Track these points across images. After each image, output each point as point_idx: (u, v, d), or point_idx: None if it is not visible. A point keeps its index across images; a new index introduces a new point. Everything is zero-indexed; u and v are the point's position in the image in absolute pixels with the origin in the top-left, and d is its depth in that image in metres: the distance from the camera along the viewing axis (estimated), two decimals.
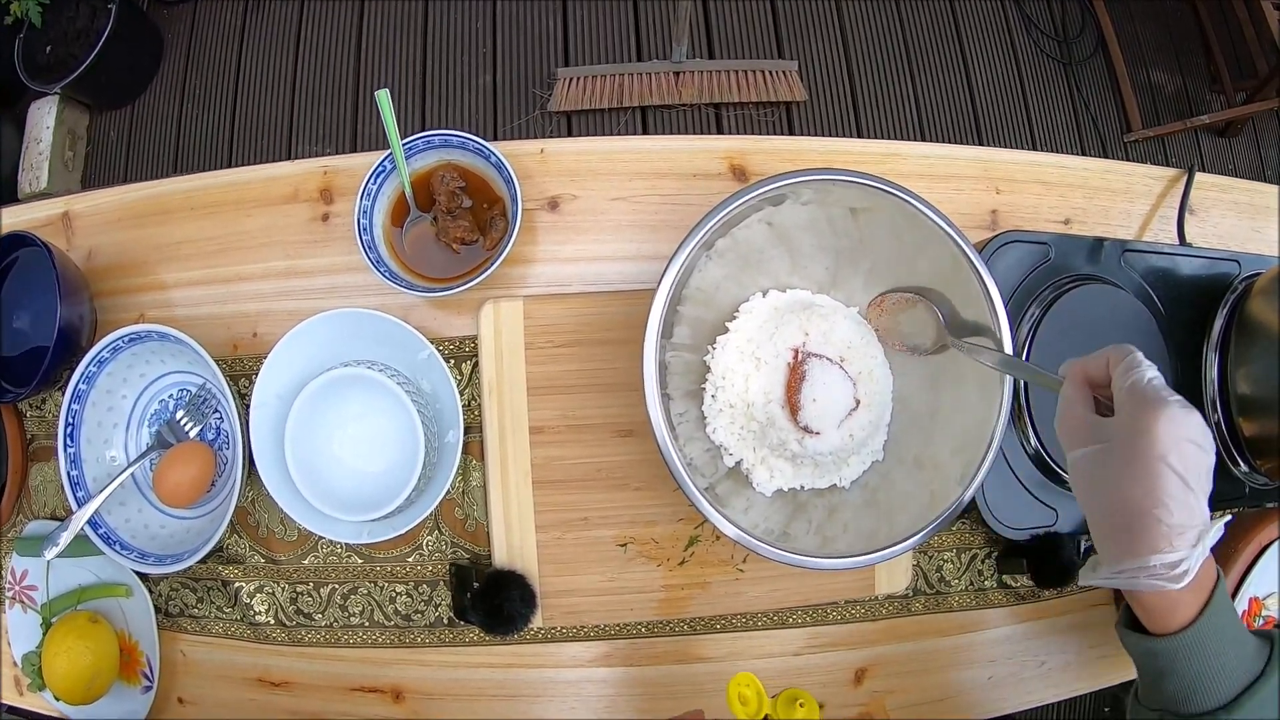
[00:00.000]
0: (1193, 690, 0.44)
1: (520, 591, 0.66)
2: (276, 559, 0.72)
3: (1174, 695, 0.45)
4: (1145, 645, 0.46)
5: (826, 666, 0.72)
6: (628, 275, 0.72)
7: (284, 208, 0.74)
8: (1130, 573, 0.43)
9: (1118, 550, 0.43)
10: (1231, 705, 0.43)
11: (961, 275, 0.57)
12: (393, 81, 1.76)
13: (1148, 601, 0.45)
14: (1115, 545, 0.44)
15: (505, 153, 0.68)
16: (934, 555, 0.74)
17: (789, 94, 1.72)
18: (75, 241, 0.78)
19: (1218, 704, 0.43)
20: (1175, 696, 0.45)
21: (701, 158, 0.74)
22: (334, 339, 0.67)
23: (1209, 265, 0.78)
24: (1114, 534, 0.44)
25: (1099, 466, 0.44)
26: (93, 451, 0.72)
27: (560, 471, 0.69)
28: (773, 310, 0.63)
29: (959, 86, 1.85)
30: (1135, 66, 1.94)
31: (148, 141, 1.79)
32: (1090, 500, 0.45)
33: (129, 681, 0.74)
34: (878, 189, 0.56)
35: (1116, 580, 0.44)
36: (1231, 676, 0.44)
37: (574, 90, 1.68)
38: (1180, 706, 0.45)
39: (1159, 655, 0.45)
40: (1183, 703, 0.45)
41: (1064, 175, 0.80)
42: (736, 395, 0.61)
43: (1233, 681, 0.43)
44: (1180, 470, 0.42)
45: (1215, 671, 0.44)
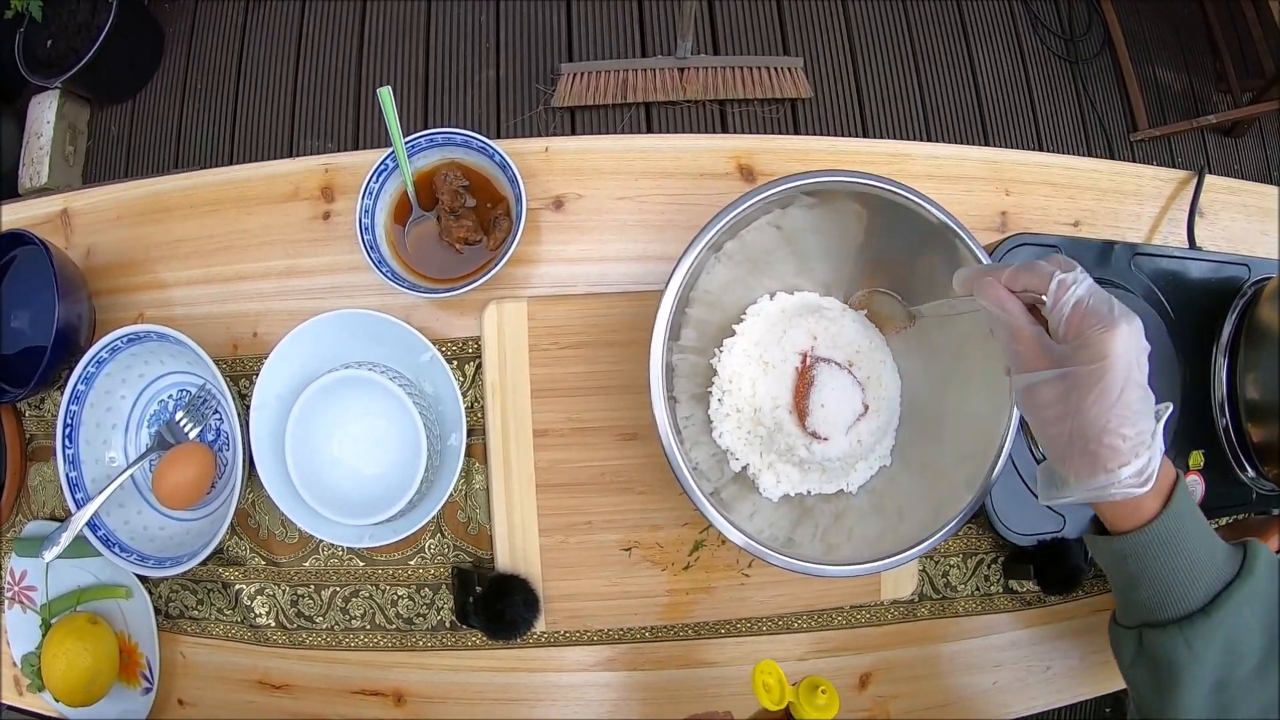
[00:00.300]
0: (1167, 592, 0.43)
1: (523, 596, 0.66)
2: (277, 561, 0.72)
3: (1149, 602, 0.44)
4: (1115, 545, 0.45)
5: (831, 671, 0.72)
6: (633, 276, 0.72)
7: (285, 206, 0.74)
8: (1101, 489, 0.42)
9: (1085, 469, 0.43)
10: (1209, 607, 0.42)
11: None
12: (395, 77, 1.75)
13: (1114, 505, 0.44)
14: (1082, 464, 0.43)
15: (509, 151, 0.67)
16: (940, 560, 0.73)
17: (794, 91, 1.71)
18: (74, 239, 0.77)
19: (1193, 607, 0.43)
20: (1150, 603, 0.44)
21: (708, 157, 0.73)
22: (335, 340, 0.67)
23: (1218, 269, 0.77)
24: (1080, 455, 0.43)
25: (1057, 392, 0.43)
26: (91, 452, 0.71)
27: (564, 475, 0.68)
28: (780, 313, 0.63)
29: (965, 83, 1.84)
30: (1142, 65, 1.93)
31: (149, 137, 1.79)
32: (1051, 426, 0.43)
33: (129, 683, 0.73)
34: (887, 191, 0.55)
35: (1087, 497, 0.43)
36: (1204, 577, 0.43)
37: (578, 86, 1.67)
38: (1156, 613, 0.44)
39: (1128, 556, 0.44)
40: (1158, 609, 0.44)
41: (1074, 177, 0.79)
42: (744, 399, 0.61)
43: (1207, 584, 0.43)
44: (1140, 382, 0.42)
45: (1186, 569, 0.43)
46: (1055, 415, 0.43)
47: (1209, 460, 0.75)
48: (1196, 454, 0.74)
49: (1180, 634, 0.42)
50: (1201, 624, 0.42)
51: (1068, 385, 0.42)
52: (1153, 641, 0.44)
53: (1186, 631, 0.42)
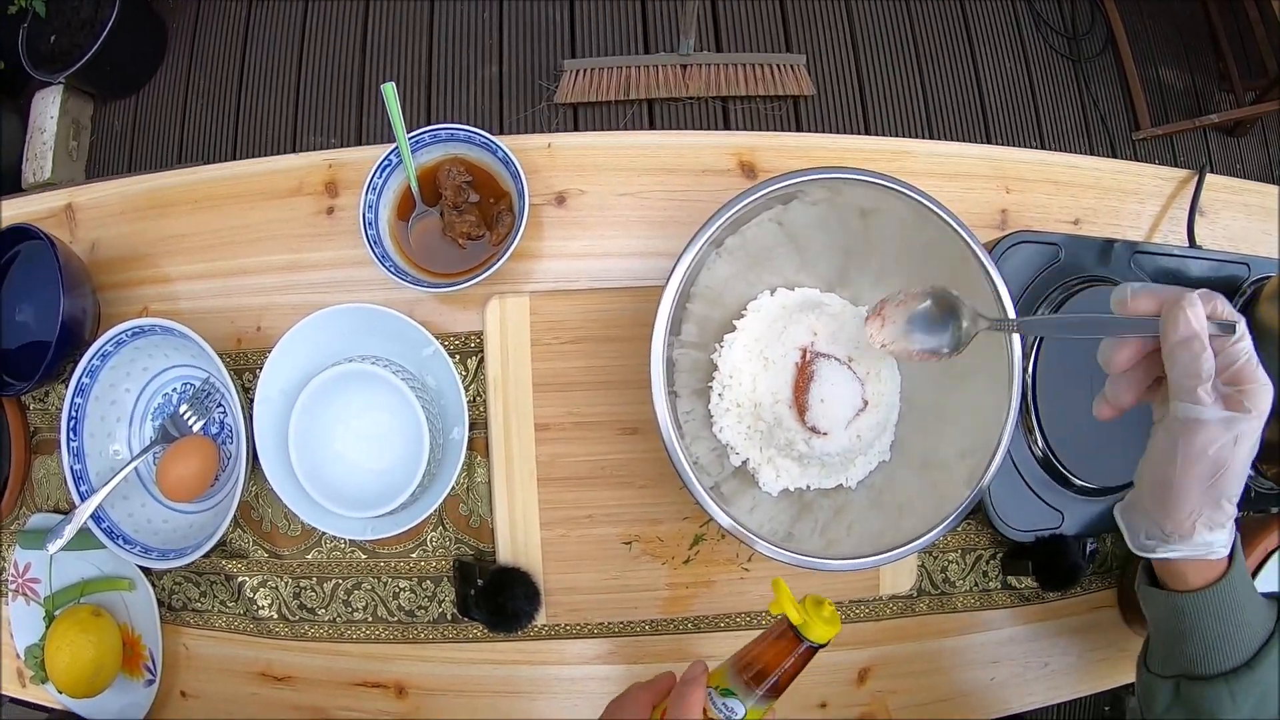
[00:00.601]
0: (1215, 648, 0.44)
1: (524, 589, 0.66)
2: (280, 553, 0.72)
3: (1194, 656, 0.45)
4: (1173, 603, 0.45)
5: (830, 666, 0.72)
6: (635, 271, 0.72)
7: (288, 201, 0.74)
8: (1207, 546, 0.42)
9: (1203, 523, 0.42)
10: (1252, 661, 0.44)
11: (971, 275, 0.56)
12: (398, 72, 1.75)
13: (1184, 564, 0.44)
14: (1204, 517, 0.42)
15: (512, 147, 0.67)
16: (939, 556, 0.73)
17: (796, 88, 1.71)
18: (79, 234, 0.78)
19: (1239, 661, 0.44)
20: (1195, 657, 0.45)
21: (710, 153, 0.74)
22: (338, 334, 0.67)
23: (1218, 268, 0.77)
24: (1211, 507, 0.41)
25: (1221, 436, 0.40)
26: (96, 445, 0.72)
27: (565, 469, 0.69)
28: (781, 309, 0.63)
29: (967, 82, 1.83)
30: (1144, 64, 1.93)
31: (152, 131, 1.79)
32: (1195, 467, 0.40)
33: (132, 675, 0.74)
34: (889, 188, 0.56)
35: (1188, 554, 0.43)
36: (1251, 634, 0.44)
37: (580, 82, 1.67)
38: (1200, 667, 0.45)
39: (1184, 614, 0.45)
40: (1202, 663, 0.45)
41: (1075, 175, 0.79)
42: (744, 394, 0.61)
43: (1251, 639, 0.44)
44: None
45: (1237, 627, 0.44)
46: (1212, 459, 0.40)
47: None
48: None
49: (1226, 686, 0.44)
50: (1246, 677, 0.43)
51: (1232, 433, 0.40)
52: (1194, 693, 0.45)
53: (1232, 684, 0.44)
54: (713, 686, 0.47)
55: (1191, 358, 0.39)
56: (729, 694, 0.46)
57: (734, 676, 0.47)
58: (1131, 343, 0.43)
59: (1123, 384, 0.44)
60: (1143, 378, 0.44)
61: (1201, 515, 0.42)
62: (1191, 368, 0.39)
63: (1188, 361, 0.39)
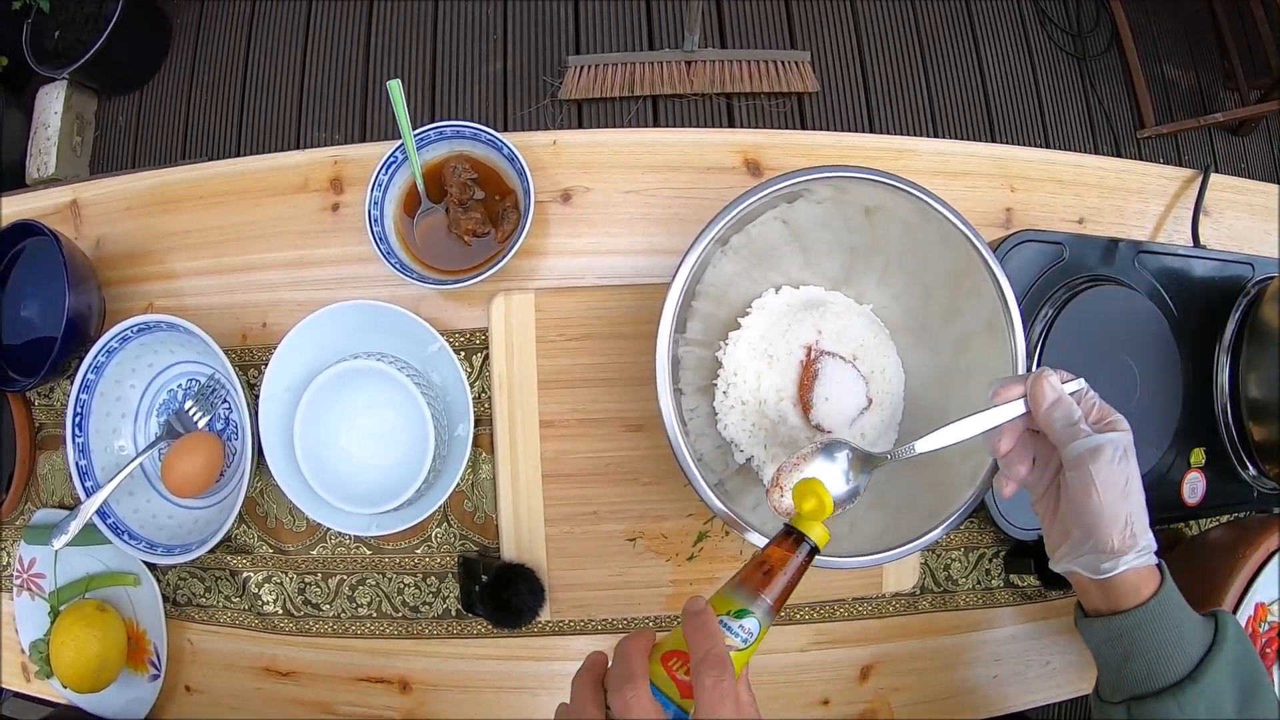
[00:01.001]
0: (1158, 663, 0.47)
1: (528, 585, 0.66)
2: (285, 549, 0.72)
3: (1140, 675, 0.47)
4: (1114, 625, 0.48)
5: (832, 663, 0.72)
6: (640, 269, 0.72)
7: (294, 197, 0.74)
8: (1144, 553, 0.47)
9: (1136, 536, 0.47)
10: (1195, 673, 0.46)
11: (975, 274, 0.56)
12: (402, 69, 1.75)
13: (1124, 583, 0.47)
14: (1136, 531, 0.47)
15: (517, 144, 0.67)
16: (942, 554, 0.73)
17: (801, 85, 1.71)
18: (84, 230, 0.78)
19: (1182, 673, 0.46)
20: (1141, 675, 0.47)
21: (715, 151, 0.73)
22: (344, 331, 0.67)
23: (1222, 268, 0.77)
24: (1139, 518, 0.47)
25: (1120, 461, 0.47)
26: (101, 441, 0.72)
27: (570, 465, 0.69)
28: (785, 307, 0.63)
29: (972, 79, 1.83)
30: (1149, 62, 1.92)
31: (156, 127, 1.79)
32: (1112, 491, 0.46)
33: (137, 670, 0.74)
34: (893, 187, 0.55)
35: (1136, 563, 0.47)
36: (1190, 646, 0.47)
37: (585, 79, 1.67)
38: (1146, 685, 0.47)
39: (1124, 634, 0.48)
40: (1148, 680, 0.47)
41: (1079, 174, 0.79)
42: (748, 392, 0.61)
43: (1191, 651, 0.46)
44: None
45: (1177, 640, 0.47)
46: (1118, 473, 0.47)
47: (1210, 458, 0.75)
48: (1198, 451, 0.75)
49: (1174, 699, 0.46)
50: (1191, 689, 0.45)
51: (1119, 448, 0.47)
52: (1144, 711, 0.47)
53: (1179, 697, 0.46)
54: (723, 613, 0.45)
55: (1065, 409, 0.48)
56: (743, 614, 0.45)
57: (741, 589, 0.45)
58: (1008, 429, 0.50)
59: (1014, 461, 0.51)
60: (1026, 455, 0.51)
61: (1136, 521, 0.47)
62: (1069, 415, 0.48)
63: (1064, 412, 0.48)
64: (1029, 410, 0.49)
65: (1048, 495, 0.51)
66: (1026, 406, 0.49)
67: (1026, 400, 0.49)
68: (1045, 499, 0.51)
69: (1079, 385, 0.49)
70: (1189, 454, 0.74)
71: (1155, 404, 0.72)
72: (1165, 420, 0.72)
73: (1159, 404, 0.72)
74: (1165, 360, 0.73)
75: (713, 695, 0.39)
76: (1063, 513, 0.49)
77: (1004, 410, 0.49)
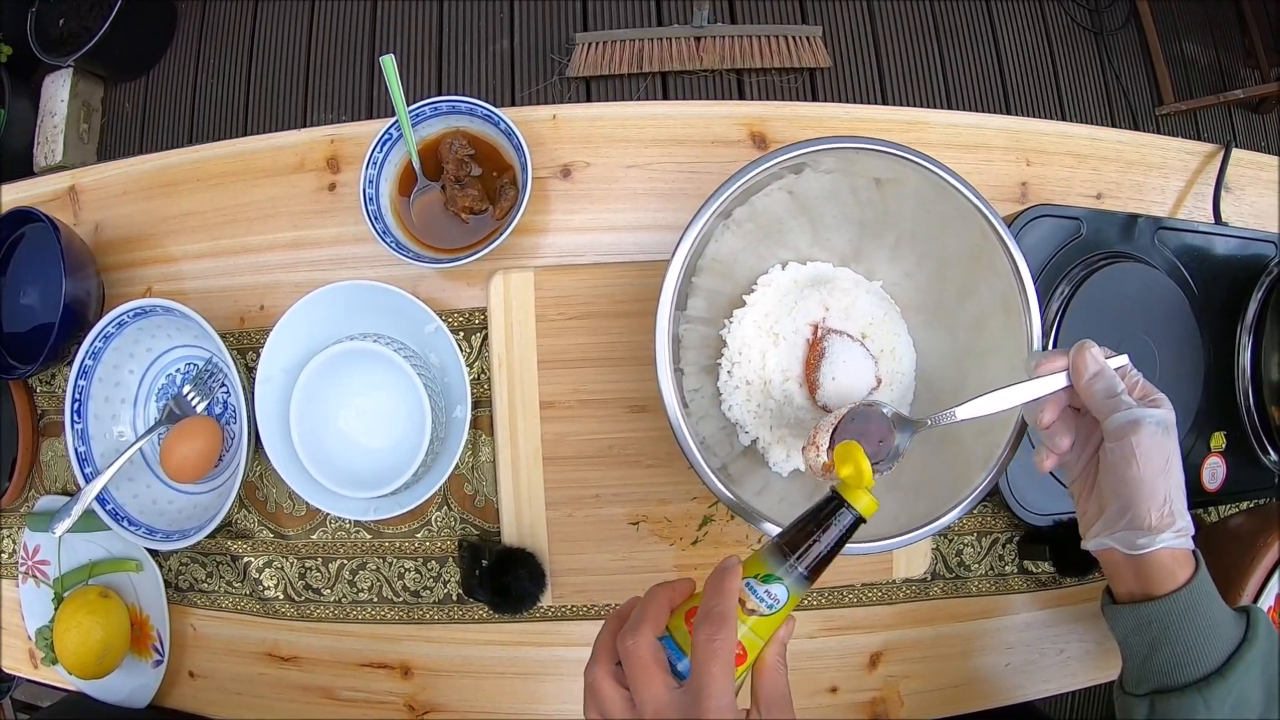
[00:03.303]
0: (1186, 656, 0.46)
1: (529, 569, 0.65)
2: (285, 534, 0.72)
3: (1166, 666, 0.46)
4: (1142, 613, 0.47)
5: (841, 650, 0.71)
6: (642, 245, 0.70)
7: (290, 178, 0.73)
8: (1183, 532, 0.46)
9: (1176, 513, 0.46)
10: (1224, 669, 0.45)
11: (990, 250, 0.55)
12: (408, 47, 1.74)
13: (1159, 564, 0.46)
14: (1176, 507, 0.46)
15: (516, 119, 0.66)
16: (954, 539, 0.72)
17: (812, 60, 1.68)
18: (82, 215, 0.77)
19: (1210, 669, 0.45)
20: (1167, 667, 0.46)
21: (720, 124, 0.72)
22: (340, 312, 0.66)
23: (1244, 246, 0.76)
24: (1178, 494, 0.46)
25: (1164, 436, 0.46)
26: (100, 427, 0.71)
27: (571, 447, 0.68)
28: (792, 283, 0.61)
29: (987, 55, 1.79)
30: (1168, 38, 1.88)
31: (163, 112, 1.79)
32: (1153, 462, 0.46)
33: (140, 655, 0.74)
34: (903, 158, 0.54)
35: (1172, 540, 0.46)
36: (1220, 640, 0.46)
37: (593, 56, 1.65)
38: (1172, 678, 0.46)
39: (1152, 623, 0.47)
40: (1175, 672, 0.46)
41: (1097, 148, 0.77)
42: (753, 371, 0.59)
43: (1221, 646, 0.45)
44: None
45: (1207, 633, 0.46)
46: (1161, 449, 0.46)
47: (1231, 443, 0.73)
48: (1218, 435, 0.73)
49: (1199, 695, 0.45)
50: (1219, 685, 0.45)
51: (1164, 426, 0.46)
52: (1168, 705, 0.46)
53: (1205, 693, 0.45)
54: (750, 576, 0.44)
55: (1107, 380, 0.47)
56: (770, 579, 0.43)
57: (772, 554, 0.44)
58: (1050, 402, 0.49)
59: (1056, 434, 0.50)
60: (1068, 429, 0.50)
61: (1174, 499, 0.46)
62: (1110, 387, 0.47)
63: (1105, 384, 0.47)
64: (1070, 384, 0.48)
65: (1086, 473, 0.50)
66: (1068, 380, 0.48)
67: (1069, 373, 0.48)
68: (1083, 477, 0.50)
69: (1122, 361, 0.48)
70: (1209, 438, 0.73)
71: (1175, 385, 0.70)
72: (1185, 402, 0.71)
73: (1179, 385, 0.70)
74: (1185, 340, 0.71)
75: (704, 650, 0.38)
76: (1100, 487, 0.48)
77: (1046, 382, 0.49)
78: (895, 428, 0.51)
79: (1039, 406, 0.49)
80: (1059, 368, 0.49)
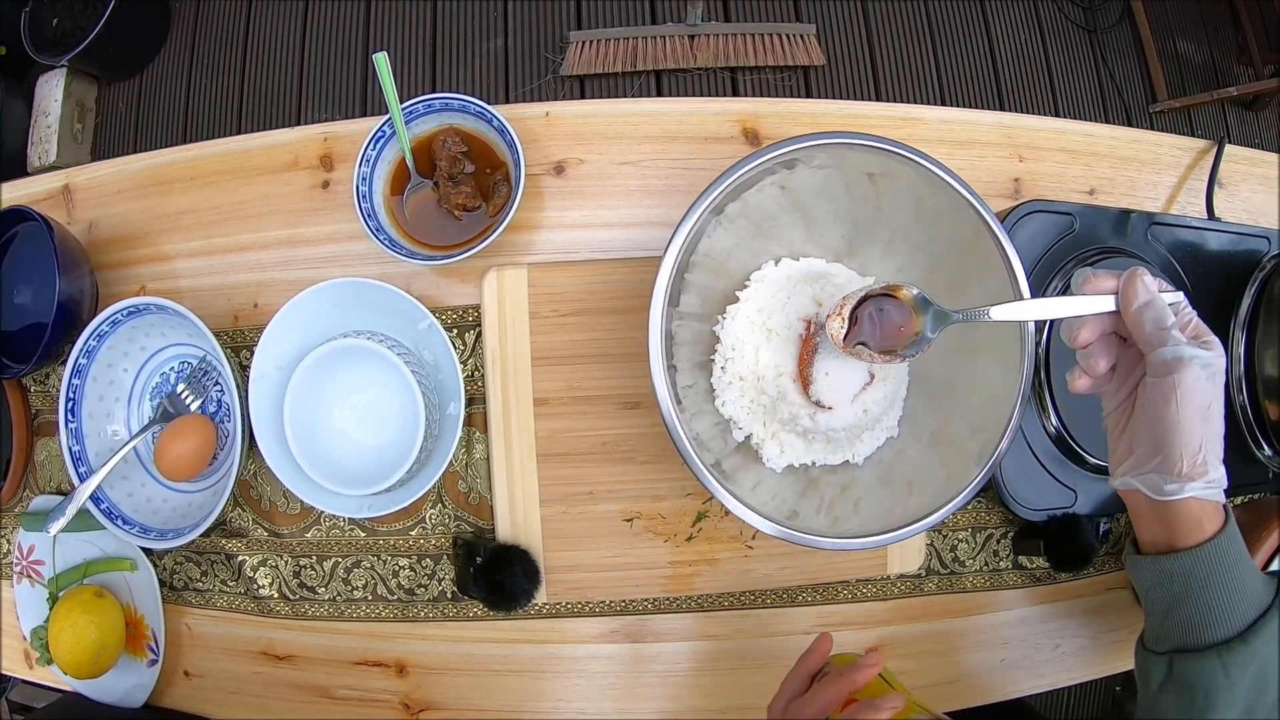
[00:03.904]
0: (1208, 614, 0.44)
1: (523, 567, 0.65)
2: (279, 532, 0.71)
3: (1187, 623, 0.45)
4: (1165, 565, 0.46)
5: (836, 646, 0.71)
6: (636, 242, 0.70)
7: (284, 175, 0.73)
8: (1215, 484, 0.44)
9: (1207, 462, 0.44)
10: (1247, 634, 0.43)
11: (983, 245, 0.55)
12: (402, 46, 1.73)
13: (1186, 514, 0.45)
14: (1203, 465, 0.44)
15: (509, 116, 0.66)
16: (949, 535, 0.72)
17: (806, 58, 1.68)
18: (76, 214, 0.77)
19: (1231, 632, 0.43)
20: (1188, 624, 0.45)
21: (713, 121, 0.72)
22: (333, 309, 0.66)
23: (1238, 241, 0.76)
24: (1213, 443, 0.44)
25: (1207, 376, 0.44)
26: (94, 426, 0.71)
27: (565, 444, 0.67)
28: (785, 279, 0.61)
29: (981, 53, 1.80)
30: (1162, 36, 1.88)
31: (157, 112, 1.78)
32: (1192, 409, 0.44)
33: (135, 655, 0.74)
34: (895, 153, 0.54)
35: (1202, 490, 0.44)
36: (1245, 602, 0.44)
37: (587, 54, 1.65)
38: (1193, 636, 0.45)
39: (1175, 576, 0.45)
40: (1197, 632, 0.44)
41: (1090, 144, 0.77)
42: (746, 367, 0.59)
43: (1247, 609, 0.44)
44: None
45: (1232, 591, 0.44)
46: (1203, 393, 0.44)
47: (1226, 438, 0.73)
48: None
49: (1219, 659, 0.43)
50: (1240, 650, 0.43)
51: (1209, 369, 0.44)
52: (1186, 667, 0.45)
53: (1225, 657, 0.43)
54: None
55: (1157, 311, 0.45)
56: None
57: None
58: (1091, 321, 0.47)
59: (1093, 354, 0.48)
60: (1107, 353, 0.48)
61: (1210, 449, 0.44)
62: (1160, 318, 0.44)
63: (1155, 314, 0.44)
64: (1118, 310, 0.46)
65: (1123, 408, 0.48)
66: (1116, 305, 0.46)
67: (1117, 298, 0.46)
68: (1119, 412, 0.48)
69: (1177, 297, 0.46)
70: None
71: None
72: None
73: None
74: None
75: None
76: (1134, 425, 0.46)
77: (1091, 301, 0.46)
78: (920, 312, 0.51)
79: (1078, 324, 0.47)
80: (1108, 289, 0.46)
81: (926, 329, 0.51)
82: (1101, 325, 0.47)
